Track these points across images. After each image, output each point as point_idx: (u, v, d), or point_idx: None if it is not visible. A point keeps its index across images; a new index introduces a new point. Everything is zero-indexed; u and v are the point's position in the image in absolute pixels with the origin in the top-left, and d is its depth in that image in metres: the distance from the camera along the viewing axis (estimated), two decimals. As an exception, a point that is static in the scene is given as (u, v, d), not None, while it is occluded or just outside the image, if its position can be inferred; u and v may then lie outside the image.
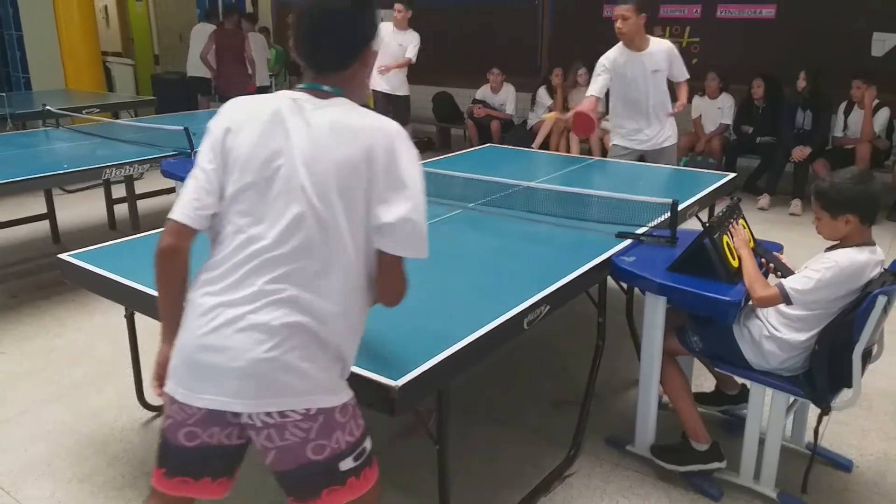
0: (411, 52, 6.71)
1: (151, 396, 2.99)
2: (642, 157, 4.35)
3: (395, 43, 6.75)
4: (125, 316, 2.77)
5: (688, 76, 4.30)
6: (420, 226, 1.45)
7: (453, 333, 1.88)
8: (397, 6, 6.68)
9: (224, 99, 8.70)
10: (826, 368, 2.22)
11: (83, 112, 6.05)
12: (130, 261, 2.53)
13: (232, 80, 8.13)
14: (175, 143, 4.51)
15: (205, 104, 8.94)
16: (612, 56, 4.18)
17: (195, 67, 9.00)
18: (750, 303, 2.32)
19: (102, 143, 4.96)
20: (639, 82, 4.18)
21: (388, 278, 1.51)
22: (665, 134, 4.31)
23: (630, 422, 2.71)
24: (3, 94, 6.64)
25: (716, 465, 2.47)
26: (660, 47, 4.19)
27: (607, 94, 4.36)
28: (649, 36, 4.20)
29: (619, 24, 4.06)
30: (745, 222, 2.57)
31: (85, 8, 8.63)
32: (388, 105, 7.03)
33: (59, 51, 8.66)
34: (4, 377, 3.30)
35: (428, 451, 2.04)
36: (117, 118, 6.61)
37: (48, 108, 5.57)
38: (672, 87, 4.35)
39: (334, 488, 1.51)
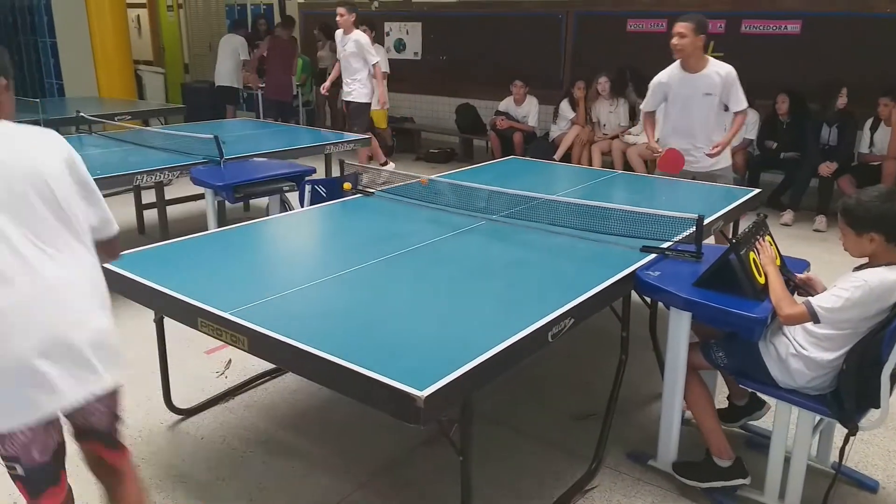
0: (384, 66, 6.88)
1: (178, 400, 3.05)
2: (693, 178, 4.20)
3: (341, 46, 6.83)
4: (154, 321, 2.82)
5: (743, 107, 4.15)
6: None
7: (478, 345, 1.90)
8: (339, 10, 6.72)
9: (272, 104, 8.77)
10: (854, 388, 2.20)
11: (115, 119, 6.17)
12: (161, 266, 2.58)
13: (280, 87, 8.38)
14: (205, 151, 4.60)
15: (231, 113, 9.08)
16: (665, 75, 4.16)
17: (223, 77, 9.16)
18: (776, 320, 2.31)
19: (134, 149, 5.06)
20: (689, 104, 4.11)
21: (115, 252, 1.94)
22: (718, 158, 4.14)
23: (652, 436, 2.70)
24: (38, 99, 6.80)
25: (739, 481, 2.45)
26: (718, 70, 4.06)
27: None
28: (710, 58, 4.11)
29: (674, 40, 4.01)
30: (772, 239, 2.57)
31: (118, 17, 8.83)
32: (349, 113, 7.01)
33: (93, 58, 8.86)
34: (35, 378, 3.36)
35: (448, 461, 2.05)
36: (147, 125, 6.74)
37: (81, 114, 5.69)
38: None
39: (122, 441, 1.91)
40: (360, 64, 6.71)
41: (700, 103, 4.10)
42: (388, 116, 9.74)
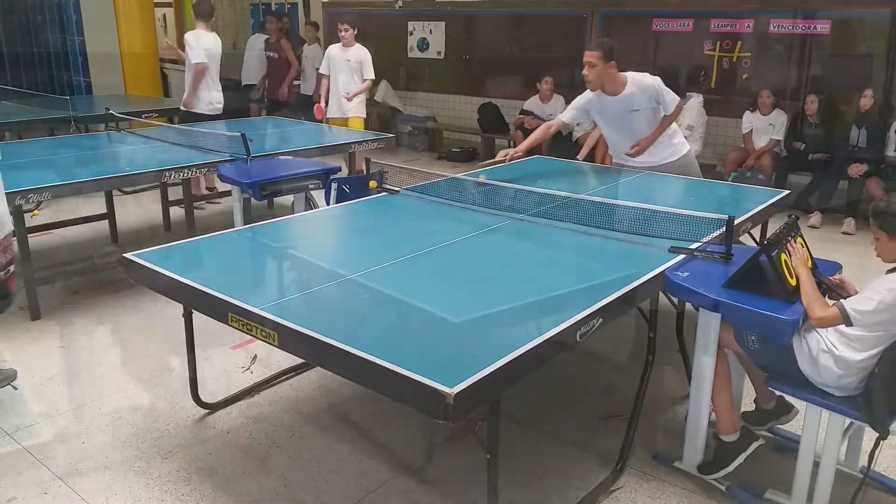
0: (368, 73, 6.67)
1: (205, 394, 3.08)
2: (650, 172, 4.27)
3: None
4: (183, 315, 2.85)
5: (673, 109, 4.06)
6: None
7: (507, 343, 1.90)
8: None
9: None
10: (885, 392, 2.17)
11: (142, 116, 6.25)
12: (191, 262, 2.62)
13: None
14: (231, 149, 4.64)
15: (256, 111, 9.15)
16: (587, 97, 4.12)
17: (250, 76, 9.24)
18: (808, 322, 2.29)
19: (161, 146, 5.12)
20: (622, 121, 4.12)
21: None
22: (663, 153, 4.21)
23: (677, 437, 2.69)
24: (67, 97, 6.91)
25: (754, 445, 2.50)
26: (637, 87, 4.00)
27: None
28: (627, 74, 4.02)
29: (585, 70, 3.93)
30: (804, 241, 2.53)
31: (145, 16, 8.96)
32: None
33: (120, 56, 8.99)
34: (64, 370, 3.43)
35: (471, 460, 2.06)
36: (172, 123, 6.81)
37: (111, 111, 5.76)
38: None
39: None
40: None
41: (632, 118, 4.08)
42: (410, 115, 9.78)
